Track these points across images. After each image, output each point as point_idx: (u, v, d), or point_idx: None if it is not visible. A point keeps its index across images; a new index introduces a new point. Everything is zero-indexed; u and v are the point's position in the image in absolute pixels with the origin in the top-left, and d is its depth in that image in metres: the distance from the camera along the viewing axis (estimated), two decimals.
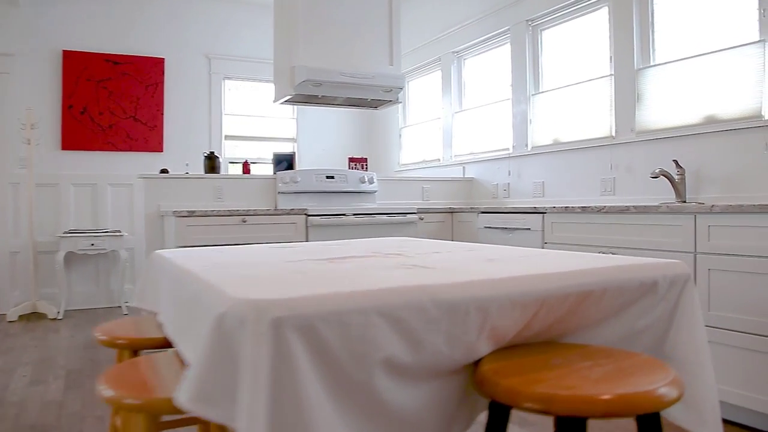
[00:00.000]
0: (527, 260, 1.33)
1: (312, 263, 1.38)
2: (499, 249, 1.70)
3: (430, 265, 1.28)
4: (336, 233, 3.71)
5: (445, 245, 1.90)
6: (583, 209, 3.00)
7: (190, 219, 3.39)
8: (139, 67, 5.50)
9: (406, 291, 0.94)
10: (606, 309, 1.13)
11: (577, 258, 1.36)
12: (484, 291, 0.99)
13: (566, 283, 1.07)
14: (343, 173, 4.31)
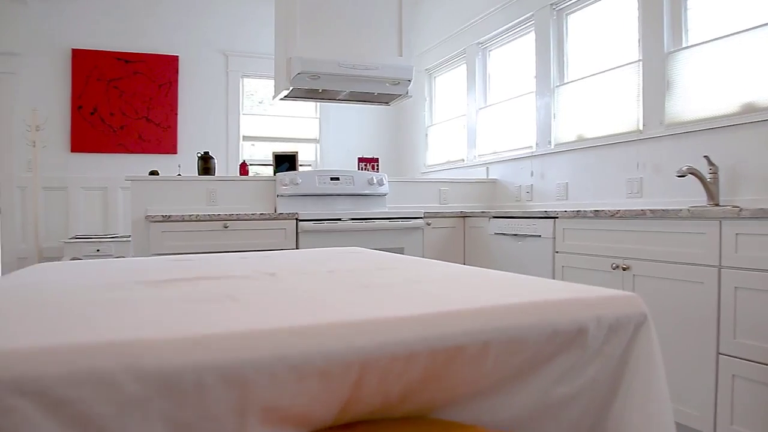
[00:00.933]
0: (408, 288, 0.94)
1: (131, 287, 1.04)
2: (415, 266, 1.31)
3: (254, 296, 0.91)
4: (330, 240, 3.36)
5: (356, 260, 1.52)
6: (595, 213, 2.55)
7: (165, 224, 3.12)
8: (152, 66, 5.34)
9: (96, 351, 0.58)
10: (500, 370, 0.73)
11: (470, 289, 0.95)
12: (233, 351, 0.61)
13: (404, 336, 0.67)
14: (349, 175, 3.97)
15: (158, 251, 3.10)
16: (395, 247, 3.50)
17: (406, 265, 1.34)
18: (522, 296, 0.81)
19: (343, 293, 0.91)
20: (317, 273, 1.23)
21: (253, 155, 5.89)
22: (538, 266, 2.97)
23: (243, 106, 5.78)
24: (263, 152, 5.95)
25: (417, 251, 3.56)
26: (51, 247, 5.00)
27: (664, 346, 2.23)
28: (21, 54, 5.01)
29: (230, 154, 5.62)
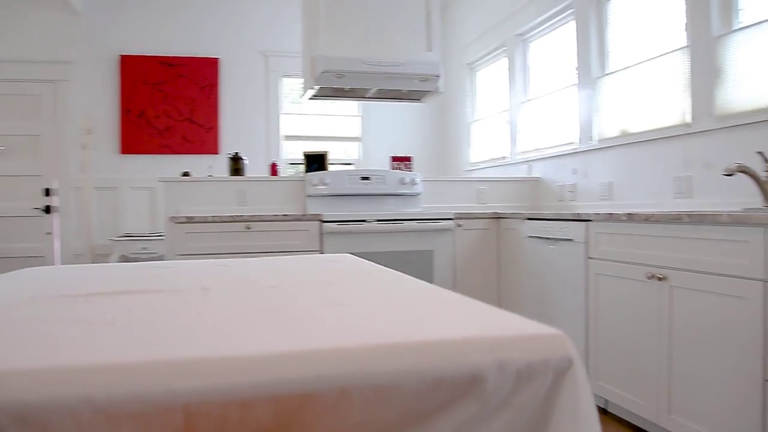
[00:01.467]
0: (308, 314, 0.83)
1: (44, 302, 0.97)
2: (364, 283, 1.18)
3: (141, 319, 0.82)
4: (355, 242, 3.28)
5: (318, 273, 1.40)
6: (628, 217, 2.33)
7: (188, 226, 3.12)
8: (194, 69, 5.42)
9: None
10: (373, 423, 0.60)
11: (378, 319, 0.82)
12: (31, 390, 0.51)
13: (233, 380, 0.56)
14: (380, 174, 3.87)
15: (182, 252, 3.10)
16: (424, 250, 3.37)
17: (358, 283, 1.23)
18: (404, 334, 0.68)
19: (222, 321, 0.82)
20: (253, 288, 1.13)
21: (294, 155, 5.89)
22: (571, 274, 2.77)
23: (283, 105, 5.78)
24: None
25: (447, 254, 3.42)
26: (102, 245, 5.17)
27: (703, 369, 2.01)
28: (75, 62, 5.20)
29: (271, 153, 5.64)
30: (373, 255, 3.24)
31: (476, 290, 3.50)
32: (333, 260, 1.69)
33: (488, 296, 3.52)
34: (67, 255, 5.22)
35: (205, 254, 3.11)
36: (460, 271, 3.47)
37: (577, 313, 2.73)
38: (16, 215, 5.14)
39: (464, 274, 3.48)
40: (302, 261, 1.70)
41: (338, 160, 5.95)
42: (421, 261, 3.37)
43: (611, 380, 2.50)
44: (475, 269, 3.50)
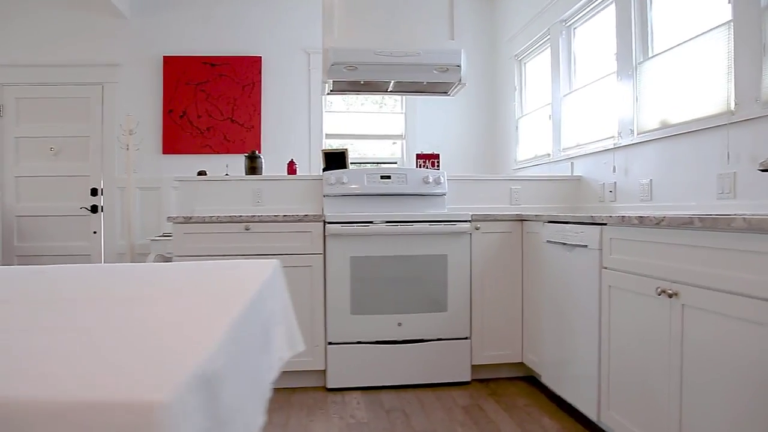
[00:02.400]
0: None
1: None
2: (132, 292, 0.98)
3: None
4: (360, 245, 3.08)
5: (161, 282, 1.20)
6: (640, 220, 1.99)
7: (186, 226, 3.04)
8: (236, 68, 5.42)
9: None
10: None
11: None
12: None
13: None
14: (401, 173, 3.65)
15: (182, 253, 3.03)
16: (437, 254, 3.12)
17: (159, 304, 1.03)
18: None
19: None
20: (46, 303, 0.97)
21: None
22: (584, 285, 2.44)
23: (326, 103, 5.67)
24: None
25: (462, 259, 3.15)
26: (142, 244, 5.28)
27: (716, 408, 1.65)
28: (121, 64, 5.35)
29: (313, 152, 5.55)
30: (380, 259, 3.03)
31: (497, 299, 3.20)
32: (225, 268, 1.50)
33: (511, 307, 3.21)
34: (111, 254, 5.37)
35: (204, 255, 3.02)
36: (478, 278, 3.18)
37: (590, 332, 2.39)
38: (65, 214, 5.34)
39: (483, 281, 3.19)
40: (190, 269, 1.52)
41: (381, 159, 5.77)
42: (434, 267, 3.12)
43: (623, 411, 2.15)
44: (495, 276, 3.20)
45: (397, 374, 3.12)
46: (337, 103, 5.77)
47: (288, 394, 3.05)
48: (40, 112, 5.33)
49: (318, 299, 3.08)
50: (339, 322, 3.08)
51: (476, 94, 5.70)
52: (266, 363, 1.27)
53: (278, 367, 1.57)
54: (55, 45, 5.32)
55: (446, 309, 3.14)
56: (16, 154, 5.31)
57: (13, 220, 5.32)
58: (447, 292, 3.13)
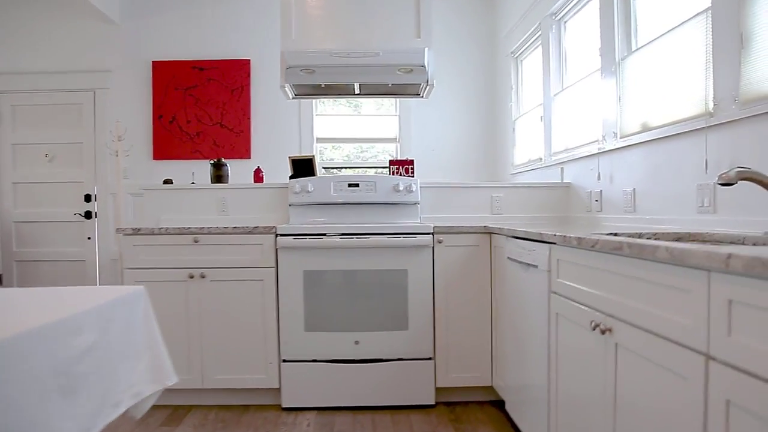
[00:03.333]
0: None
1: None
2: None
3: None
4: (313, 259, 2.89)
5: None
6: (578, 242, 1.74)
7: (136, 238, 2.91)
8: (224, 71, 5.31)
9: None
10: None
11: None
12: None
13: None
14: (370, 181, 3.45)
15: (131, 266, 2.91)
16: (396, 269, 2.91)
17: None
18: None
19: None
20: None
21: (330, 157, 5.61)
22: (536, 309, 2.20)
23: (317, 106, 5.51)
24: (343, 153, 5.63)
25: (425, 275, 2.93)
26: None
27: None
28: (112, 70, 5.30)
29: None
30: (335, 274, 2.85)
31: (463, 318, 2.97)
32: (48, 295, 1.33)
33: (479, 327, 2.97)
34: (106, 260, 5.33)
35: (154, 268, 2.89)
36: (442, 295, 2.96)
37: (541, 359, 2.15)
38: (60, 220, 5.34)
39: (448, 298, 2.96)
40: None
41: (373, 164, 5.57)
42: (394, 282, 2.91)
43: None
44: (461, 293, 2.97)
45: (355, 395, 2.92)
46: (329, 107, 5.61)
47: (240, 413, 2.90)
48: (35, 119, 5.33)
49: (271, 315, 2.91)
50: (293, 338, 2.91)
51: (475, 93, 5.45)
52: (66, 410, 1.10)
53: (130, 402, 1.41)
54: (47, 52, 5.32)
55: (407, 327, 2.92)
56: (13, 160, 5.33)
57: (12, 225, 5.34)
58: (408, 309, 2.92)
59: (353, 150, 5.67)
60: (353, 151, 5.67)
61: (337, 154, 5.65)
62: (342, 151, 5.65)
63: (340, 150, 5.65)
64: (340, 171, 5.58)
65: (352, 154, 5.67)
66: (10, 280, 5.34)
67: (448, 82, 5.43)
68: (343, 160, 5.66)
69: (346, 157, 5.67)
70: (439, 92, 5.38)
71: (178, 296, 2.90)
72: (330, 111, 5.58)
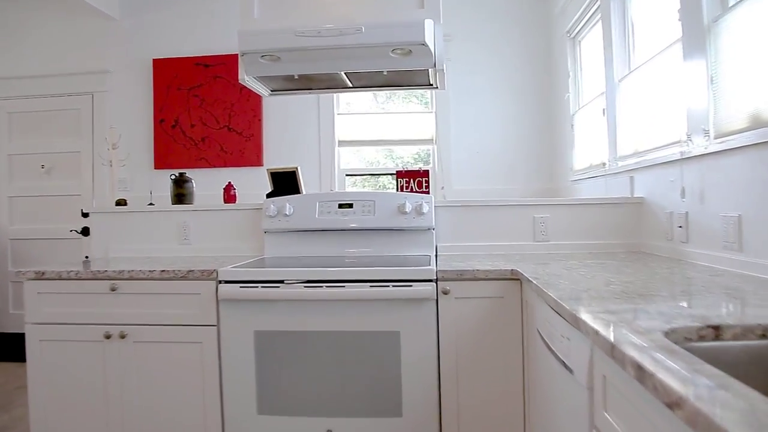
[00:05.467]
0: None
1: None
2: None
3: None
4: (271, 315, 2.09)
5: None
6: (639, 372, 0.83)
7: (40, 284, 2.22)
8: (232, 67, 4.63)
9: None
10: None
11: None
12: None
13: None
14: (368, 200, 2.62)
15: (35, 320, 2.22)
16: (386, 331, 2.06)
17: None
18: None
19: None
20: None
21: (351, 162, 4.81)
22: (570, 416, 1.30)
23: (338, 104, 4.72)
24: (371, 157, 4.82)
25: (426, 339, 2.06)
26: None
27: None
28: (111, 71, 4.75)
29: (323, 164, 4.63)
30: (299, 336, 2.05)
31: (483, 401, 2.07)
32: None
33: (505, 414, 2.07)
34: None
35: (61, 323, 2.19)
36: (451, 368, 2.08)
37: None
38: (56, 237, 4.84)
39: (459, 372, 2.08)
40: None
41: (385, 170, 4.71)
42: (381, 349, 2.06)
43: None
44: (479, 366, 2.07)
45: None
46: (355, 103, 4.80)
47: None
48: (32, 127, 4.86)
49: (212, 390, 2.14)
50: (242, 424, 2.12)
51: (525, 83, 4.50)
52: None
53: None
54: (42, 54, 4.83)
55: (400, 414, 2.07)
56: (10, 172, 4.89)
57: (7, 243, 4.90)
58: (401, 387, 2.06)
59: (381, 154, 4.84)
60: (380, 155, 4.84)
61: (366, 158, 4.84)
62: (373, 156, 4.84)
63: (369, 154, 4.84)
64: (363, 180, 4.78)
65: (377, 160, 4.84)
66: (5, 302, 4.90)
67: (492, 71, 4.50)
68: (367, 166, 4.85)
69: (369, 164, 4.85)
70: (481, 83, 4.47)
71: (91, 362, 2.18)
72: (355, 108, 4.78)
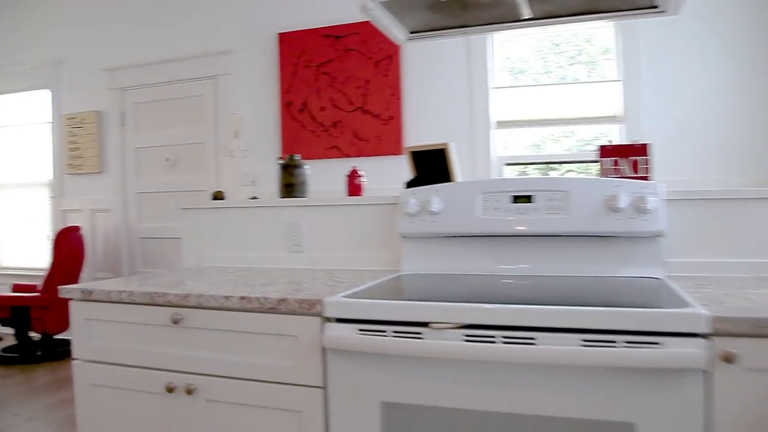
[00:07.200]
0: None
1: None
2: None
3: None
4: (409, 379, 1.26)
5: None
6: None
7: (86, 306, 1.59)
8: (366, 38, 3.91)
9: None
10: None
11: None
12: None
13: None
14: (557, 190, 1.70)
15: (82, 356, 1.59)
16: (612, 421, 1.13)
17: None
18: None
19: None
20: None
21: (513, 149, 3.86)
22: None
23: (495, 77, 3.80)
24: (527, 143, 3.85)
25: None
26: None
27: None
28: (234, 50, 4.26)
29: (478, 148, 3.75)
30: (451, 417, 1.20)
31: None
32: None
33: None
34: None
35: (111, 363, 1.54)
36: None
37: None
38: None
39: None
40: None
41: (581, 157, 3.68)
42: None
43: None
44: None
45: None
46: (514, 76, 3.85)
47: None
48: (156, 118, 4.53)
49: None
50: None
51: (750, 37, 3.25)
52: None
53: None
54: (164, 38, 4.48)
55: None
56: (137, 166, 4.60)
57: (137, 242, 4.63)
58: None
59: (543, 138, 3.83)
60: (543, 140, 3.83)
61: (522, 144, 3.87)
62: (532, 141, 3.86)
63: (528, 139, 3.86)
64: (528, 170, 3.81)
65: (536, 145, 3.85)
66: None
67: (704, 20, 3.32)
68: (533, 148, 3.87)
69: (531, 149, 3.86)
70: (685, 38, 3.33)
71: (151, 421, 1.50)
72: (514, 80, 3.83)
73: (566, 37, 3.65)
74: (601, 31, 3.58)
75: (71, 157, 4.78)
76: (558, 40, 3.69)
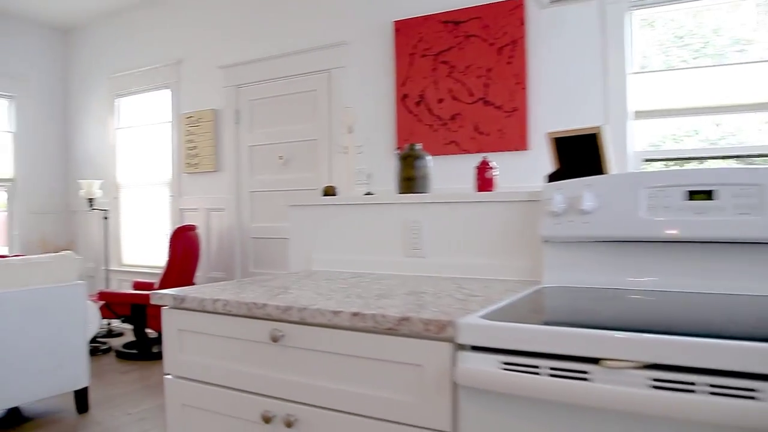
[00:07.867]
0: None
1: None
2: None
3: None
4: (570, 429, 0.93)
5: None
6: None
7: (180, 315, 1.40)
8: (489, 22, 3.56)
9: None
10: None
11: None
12: None
13: None
14: (746, 184, 1.29)
15: (175, 372, 1.41)
16: None
17: None
18: None
19: None
20: None
21: (652, 141, 3.34)
22: None
23: (632, 60, 3.31)
24: (668, 135, 3.31)
25: None
26: None
27: None
28: (348, 42, 4.09)
29: (616, 143, 3.28)
30: None
31: None
32: None
33: None
34: None
35: (205, 382, 1.35)
36: None
37: None
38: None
39: None
40: None
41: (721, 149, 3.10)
42: None
43: None
44: None
45: None
46: (655, 60, 3.33)
47: None
48: (269, 115, 4.48)
49: None
50: None
51: None
52: None
53: None
54: (279, 32, 4.40)
55: None
56: (251, 165, 4.58)
57: (249, 242, 4.61)
58: None
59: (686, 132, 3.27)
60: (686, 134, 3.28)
61: (661, 137, 3.34)
62: (673, 134, 3.32)
63: (668, 131, 3.32)
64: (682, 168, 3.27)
65: (679, 138, 3.29)
66: None
67: None
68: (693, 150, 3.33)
69: (671, 141, 3.32)
70: None
71: None
72: (656, 64, 3.32)
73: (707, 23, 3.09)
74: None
75: (189, 156, 4.86)
76: (695, 28, 3.14)
